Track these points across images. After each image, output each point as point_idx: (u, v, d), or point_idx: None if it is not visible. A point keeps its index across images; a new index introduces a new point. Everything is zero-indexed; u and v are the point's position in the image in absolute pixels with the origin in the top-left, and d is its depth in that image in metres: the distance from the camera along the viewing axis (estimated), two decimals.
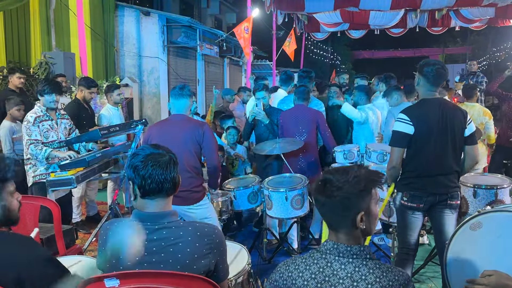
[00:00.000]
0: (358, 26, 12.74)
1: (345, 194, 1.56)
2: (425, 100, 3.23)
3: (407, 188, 3.24)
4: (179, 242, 1.83)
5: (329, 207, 1.60)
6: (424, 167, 3.17)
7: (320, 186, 1.61)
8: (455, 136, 3.17)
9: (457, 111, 3.23)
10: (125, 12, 10.88)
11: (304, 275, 1.59)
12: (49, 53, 7.85)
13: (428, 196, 3.18)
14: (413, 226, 3.30)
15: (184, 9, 18.73)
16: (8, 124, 5.11)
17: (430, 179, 3.17)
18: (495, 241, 1.94)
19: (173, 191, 1.92)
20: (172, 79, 11.85)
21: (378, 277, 1.51)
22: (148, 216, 1.87)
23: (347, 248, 1.58)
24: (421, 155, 3.16)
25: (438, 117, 3.14)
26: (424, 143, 3.14)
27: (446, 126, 3.14)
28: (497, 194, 3.72)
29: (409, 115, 3.16)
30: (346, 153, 4.82)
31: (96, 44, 9.92)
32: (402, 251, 3.40)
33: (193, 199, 3.49)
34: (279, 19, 10.94)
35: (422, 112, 3.17)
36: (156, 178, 1.84)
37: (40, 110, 4.47)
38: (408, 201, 3.23)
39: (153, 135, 3.56)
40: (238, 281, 2.50)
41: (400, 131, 3.16)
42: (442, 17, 11.79)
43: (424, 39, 23.97)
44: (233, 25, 17.81)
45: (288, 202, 4.07)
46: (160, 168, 1.84)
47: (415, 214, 3.26)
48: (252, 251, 4.37)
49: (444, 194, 3.19)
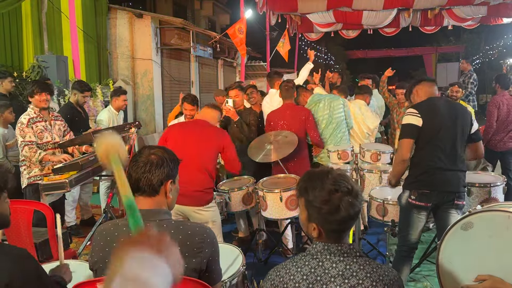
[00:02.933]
0: (352, 26, 12.77)
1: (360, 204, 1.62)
2: (432, 98, 3.30)
3: (416, 186, 3.25)
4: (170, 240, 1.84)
5: (356, 213, 1.60)
6: (432, 161, 3.18)
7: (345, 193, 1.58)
8: (463, 132, 3.22)
9: (463, 108, 3.33)
10: (117, 14, 10.85)
11: (295, 277, 1.58)
12: (42, 57, 7.81)
13: (436, 194, 3.20)
14: (417, 225, 3.30)
15: (177, 11, 18.72)
16: (1, 130, 5.06)
17: (438, 175, 3.19)
18: (486, 241, 1.94)
19: (151, 191, 1.88)
20: (166, 81, 11.83)
21: (368, 273, 1.52)
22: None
23: (338, 247, 1.59)
24: (430, 148, 3.19)
25: (447, 112, 3.20)
26: (432, 136, 3.17)
27: (455, 121, 3.19)
28: (491, 192, 3.74)
29: (417, 109, 3.22)
30: (340, 153, 4.83)
31: (89, 47, 9.88)
32: (402, 249, 3.41)
33: (204, 200, 3.59)
34: (272, 20, 10.93)
35: (431, 106, 3.23)
36: (133, 175, 1.88)
37: (33, 112, 4.48)
38: (416, 199, 3.23)
39: (173, 133, 3.76)
40: (232, 283, 2.49)
41: (409, 123, 3.20)
42: (434, 16, 11.84)
43: (417, 38, 24.01)
44: (226, 27, 17.80)
45: (282, 202, 4.07)
46: (136, 167, 1.88)
47: (420, 213, 3.27)
48: (248, 253, 4.37)
49: (452, 193, 3.21)
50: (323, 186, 1.57)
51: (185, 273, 1.83)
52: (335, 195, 1.55)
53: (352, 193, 1.57)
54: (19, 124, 4.39)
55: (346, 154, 4.82)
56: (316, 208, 1.57)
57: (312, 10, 10.76)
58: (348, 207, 1.55)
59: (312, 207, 1.59)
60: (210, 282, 1.86)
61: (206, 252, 1.89)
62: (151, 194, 1.89)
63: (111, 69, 10.81)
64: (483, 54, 24.96)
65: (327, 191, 1.56)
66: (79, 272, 2.48)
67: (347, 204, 1.55)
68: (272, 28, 12.35)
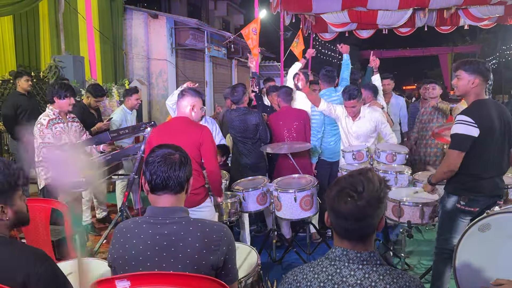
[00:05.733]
0: (366, 26, 12.68)
1: (380, 200, 1.52)
2: (482, 101, 3.12)
3: (466, 191, 3.15)
4: (189, 237, 1.89)
5: (351, 217, 1.51)
6: (486, 169, 3.10)
7: (346, 195, 1.51)
8: (510, 137, 3.16)
9: (505, 110, 3.20)
10: (133, 15, 10.95)
11: (312, 284, 1.55)
12: (59, 57, 7.92)
13: (485, 199, 3.13)
14: (461, 229, 3.17)
15: (191, 11, 18.80)
16: None
17: (488, 181, 3.12)
18: (504, 242, 1.93)
19: (179, 189, 1.97)
20: (180, 81, 11.90)
21: (388, 284, 1.47)
22: (159, 210, 1.95)
23: (357, 254, 1.53)
24: (484, 156, 3.08)
25: (498, 118, 3.08)
26: (488, 144, 3.05)
27: (504, 126, 3.10)
28: (508, 193, 3.69)
29: (472, 117, 3.02)
30: (355, 153, 4.80)
31: (105, 47, 9.99)
32: (443, 252, 3.33)
33: (195, 201, 3.41)
34: (286, 20, 10.91)
35: (485, 113, 3.06)
36: (161, 175, 1.92)
37: (53, 113, 4.49)
38: (466, 205, 3.14)
39: (155, 136, 3.53)
40: (247, 282, 2.50)
41: (465, 133, 3.03)
42: (450, 16, 11.71)
43: (433, 38, 23.78)
44: (240, 27, 17.84)
45: (297, 203, 4.06)
46: (165, 166, 1.93)
47: (466, 217, 3.19)
48: (262, 252, 4.37)
49: (498, 196, 3.16)
50: (340, 181, 1.56)
51: (203, 270, 1.85)
52: (340, 191, 1.52)
53: (357, 192, 1.49)
54: (39, 125, 4.39)
55: (361, 154, 4.80)
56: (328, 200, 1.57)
57: (327, 10, 10.71)
58: (344, 205, 1.49)
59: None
60: (226, 281, 1.87)
61: (223, 249, 1.92)
62: (178, 191, 1.97)
63: (126, 69, 10.91)
64: (499, 54, 24.63)
65: (338, 186, 1.54)
66: (94, 270, 2.51)
67: (345, 202, 1.49)
68: (286, 28, 12.32)
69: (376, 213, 1.53)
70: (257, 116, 4.93)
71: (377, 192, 1.51)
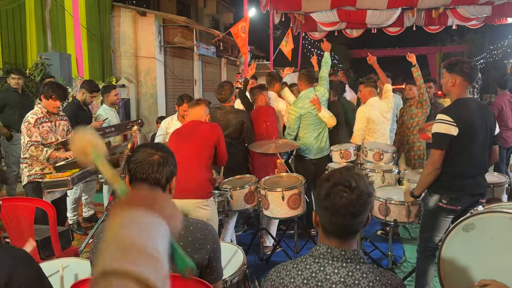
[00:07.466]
0: (355, 25, 12.73)
1: (370, 195, 1.52)
2: (463, 100, 3.13)
3: (448, 190, 3.17)
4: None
5: (348, 212, 1.50)
6: (467, 167, 3.12)
7: (342, 190, 1.50)
8: (491, 135, 3.18)
9: (489, 110, 3.23)
10: (121, 12, 10.85)
11: (296, 280, 1.54)
12: (45, 54, 7.83)
13: (467, 197, 3.15)
14: (443, 227, 3.23)
15: (181, 9, 18.73)
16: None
17: (471, 179, 3.14)
18: (488, 242, 1.93)
19: (159, 190, 1.89)
20: (169, 79, 11.84)
21: (371, 281, 1.48)
22: None
23: (341, 252, 1.53)
24: (465, 155, 3.10)
25: (479, 117, 3.10)
26: (468, 143, 3.07)
27: (486, 125, 3.12)
28: (494, 191, 3.72)
29: (451, 116, 3.05)
30: (343, 152, 4.81)
31: (92, 44, 9.90)
32: (426, 249, 3.35)
33: (205, 193, 3.55)
34: (275, 18, 10.91)
35: (464, 112, 3.09)
36: (139, 176, 1.87)
37: (41, 111, 4.43)
38: (448, 203, 3.16)
39: (172, 141, 3.75)
40: (233, 281, 2.48)
41: (444, 133, 3.06)
42: (439, 16, 11.79)
43: (421, 38, 23.89)
44: (230, 25, 17.79)
45: (284, 201, 4.06)
46: (142, 167, 1.87)
47: (448, 216, 3.21)
48: (249, 252, 4.36)
49: (480, 195, 3.18)
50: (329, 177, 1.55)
51: None
52: (333, 186, 1.51)
53: (351, 188, 1.48)
54: (26, 123, 4.34)
55: (348, 153, 4.81)
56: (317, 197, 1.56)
57: (316, 9, 10.74)
58: (340, 199, 1.48)
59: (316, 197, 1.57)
60: (211, 280, 1.86)
61: (208, 248, 1.92)
62: None
63: (114, 67, 10.82)
64: (487, 53, 24.85)
65: (330, 182, 1.53)
66: (80, 270, 2.48)
67: (341, 196, 1.48)
68: (276, 27, 12.31)
69: (368, 208, 1.54)
70: (242, 116, 4.91)
71: (367, 186, 1.52)
